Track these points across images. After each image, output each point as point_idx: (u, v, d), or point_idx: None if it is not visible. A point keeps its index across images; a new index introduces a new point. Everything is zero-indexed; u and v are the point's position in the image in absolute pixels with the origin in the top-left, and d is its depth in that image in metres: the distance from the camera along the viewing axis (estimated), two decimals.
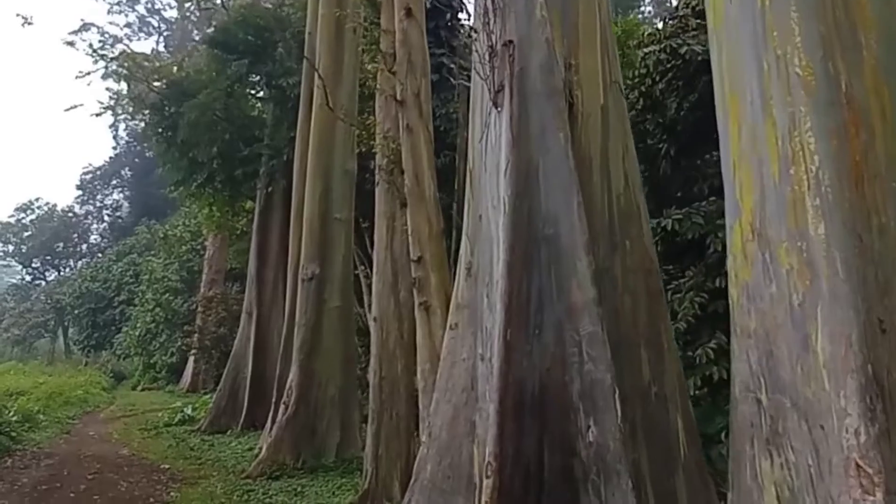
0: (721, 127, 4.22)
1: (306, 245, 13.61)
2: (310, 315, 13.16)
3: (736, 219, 3.94)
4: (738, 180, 3.91)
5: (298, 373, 12.86)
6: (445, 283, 8.28)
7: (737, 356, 3.88)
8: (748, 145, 3.82)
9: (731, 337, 4.18)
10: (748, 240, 3.77)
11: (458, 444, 5.97)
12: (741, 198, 3.88)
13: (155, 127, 21.32)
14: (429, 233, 8.36)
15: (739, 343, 3.82)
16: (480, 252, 6.32)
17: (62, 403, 23.49)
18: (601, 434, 5.11)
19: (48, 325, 49.65)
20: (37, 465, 13.44)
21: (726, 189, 4.19)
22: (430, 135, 8.88)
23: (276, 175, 19.69)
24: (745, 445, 3.74)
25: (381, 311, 9.85)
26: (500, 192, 5.88)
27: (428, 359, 7.87)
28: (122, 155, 57.28)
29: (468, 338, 6.20)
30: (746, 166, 3.84)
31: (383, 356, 9.66)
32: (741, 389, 3.78)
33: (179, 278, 33.76)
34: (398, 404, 9.48)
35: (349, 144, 14.12)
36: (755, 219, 3.73)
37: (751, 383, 3.66)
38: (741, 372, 3.79)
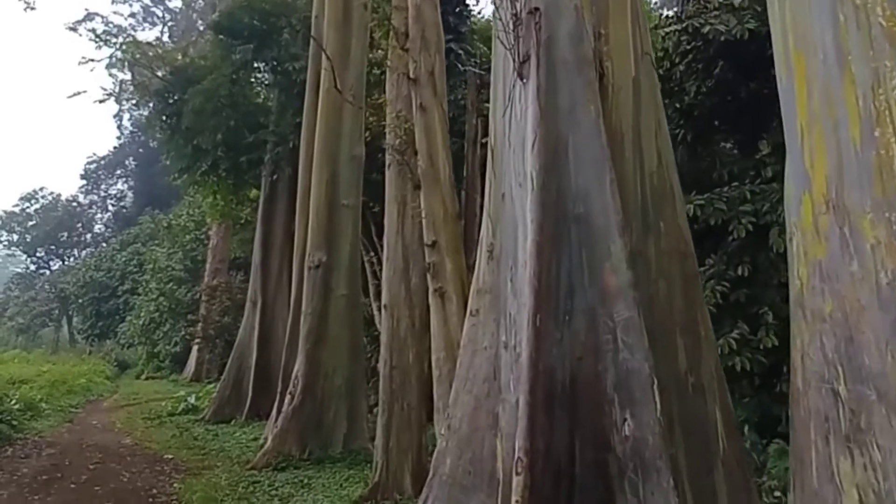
0: (784, 89, 3.76)
1: (313, 232, 13.15)
2: (316, 303, 12.72)
3: (804, 190, 3.47)
4: (808, 146, 3.45)
5: (305, 362, 12.43)
6: (461, 269, 7.84)
7: (805, 343, 3.42)
8: (821, 107, 3.36)
9: (792, 322, 3.73)
10: (821, 212, 3.31)
11: (480, 438, 5.53)
12: (811, 166, 3.41)
13: (159, 114, 20.87)
14: (444, 216, 7.91)
15: (810, 328, 3.36)
16: (503, 233, 5.86)
17: (65, 392, 23.10)
18: (638, 428, 4.66)
19: (52, 314, 49.17)
20: (38, 455, 13.03)
21: (790, 158, 3.73)
22: (444, 113, 8.42)
23: (282, 162, 19.23)
24: (817, 442, 3.29)
25: (391, 298, 9.41)
26: (527, 168, 5.42)
27: (443, 347, 7.44)
28: (126, 145, 56.72)
29: (490, 325, 5.74)
30: (818, 130, 3.38)
31: (394, 345, 9.23)
32: (812, 379, 3.32)
33: (183, 268, 33.34)
34: (409, 394, 9.05)
35: (357, 129, 13.66)
36: (830, 189, 3.27)
37: (825, 373, 3.21)
38: (812, 360, 3.33)
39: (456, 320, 7.47)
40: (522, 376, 4.73)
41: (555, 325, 5.01)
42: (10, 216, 55.38)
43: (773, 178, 10.33)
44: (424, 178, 8.07)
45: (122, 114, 55.43)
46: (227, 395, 18.41)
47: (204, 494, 9.79)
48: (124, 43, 20.65)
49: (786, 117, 3.77)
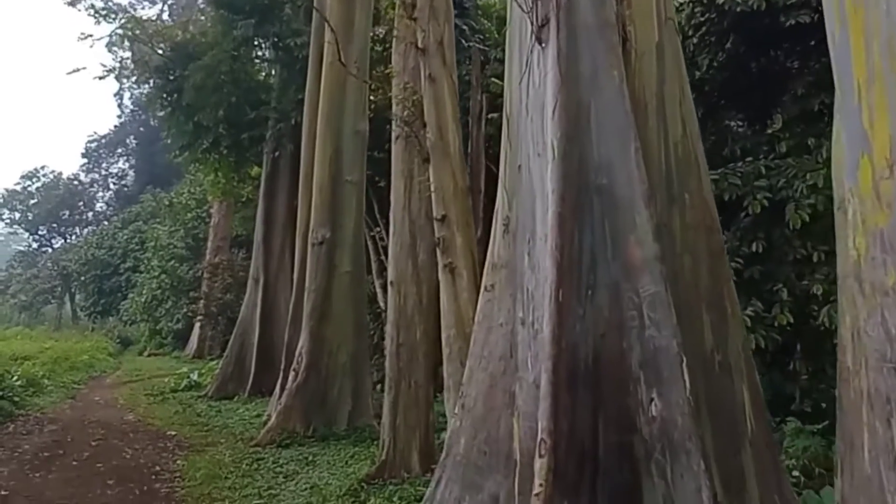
0: (838, 44, 3.41)
1: (316, 209, 12.82)
2: (320, 280, 12.42)
3: (862, 152, 3.15)
4: (867, 105, 3.12)
5: (308, 339, 12.15)
6: (471, 243, 7.54)
7: (862, 318, 3.12)
8: (883, 61, 3.03)
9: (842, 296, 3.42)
10: (883, 177, 2.99)
11: (496, 418, 5.25)
12: (871, 126, 3.09)
13: (159, 91, 20.40)
14: (453, 189, 7.58)
15: (868, 303, 3.05)
16: (520, 206, 5.54)
17: (68, 368, 22.91)
18: (666, 407, 4.38)
19: (55, 291, 48.91)
20: (39, 431, 12.79)
21: (844, 118, 3.40)
22: (454, 85, 8.06)
23: (284, 139, 18.83)
24: (874, 425, 3.00)
25: (398, 274, 9.11)
26: (546, 137, 5.10)
27: (453, 324, 7.15)
28: (126, 123, 56.15)
29: (506, 300, 5.44)
30: (879, 87, 3.05)
31: (401, 322, 8.94)
32: (870, 358, 3.02)
33: (185, 245, 33.03)
34: (416, 372, 8.77)
35: (360, 104, 13.29)
36: (894, 150, 2.95)
37: (888, 350, 2.90)
38: (870, 337, 3.03)
39: (467, 296, 7.17)
40: (544, 354, 4.44)
41: (577, 301, 4.71)
42: (11, 194, 54.96)
43: (787, 154, 10.02)
44: (434, 150, 7.73)
45: (123, 92, 54.83)
46: (229, 371, 18.18)
47: (207, 471, 9.56)
48: (123, 17, 20.11)
49: (838, 74, 3.43)
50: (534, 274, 5.20)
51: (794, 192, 9.18)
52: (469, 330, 7.09)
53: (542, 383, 4.36)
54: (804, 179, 9.12)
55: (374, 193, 15.59)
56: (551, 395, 4.27)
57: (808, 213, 8.81)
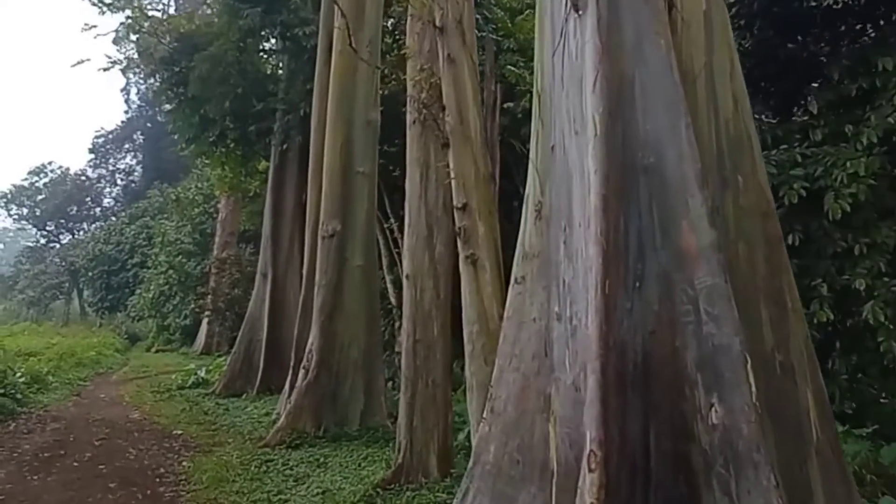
0: None
1: (326, 201, 12.31)
2: (331, 274, 11.92)
3: None
4: None
5: (319, 335, 11.66)
6: (494, 233, 7.02)
7: None
8: None
9: None
10: None
11: (529, 422, 4.74)
12: None
13: (165, 83, 19.92)
14: (475, 176, 7.06)
15: None
16: (554, 190, 5.02)
17: (74, 365, 22.55)
18: (729, 414, 3.86)
19: (62, 287, 48.56)
20: (41, 430, 12.35)
21: None
22: (475, 65, 7.54)
23: (292, 131, 18.33)
24: None
25: (414, 267, 8.60)
26: (586, 112, 4.57)
27: (476, 319, 6.63)
28: (134, 119, 55.66)
29: (539, 293, 4.92)
30: None
31: (417, 317, 8.43)
32: None
33: (192, 241, 32.63)
34: (434, 370, 8.26)
35: (372, 93, 12.77)
36: None
37: None
38: None
39: (490, 290, 6.66)
40: (589, 353, 3.92)
41: (624, 294, 4.19)
42: (19, 190, 54.57)
43: (822, 141, 9.47)
44: (453, 135, 7.20)
45: (130, 87, 54.57)
46: (237, 368, 17.73)
47: (214, 474, 9.08)
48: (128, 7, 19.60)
49: None
50: (571, 264, 4.68)
51: (832, 180, 8.64)
52: (493, 326, 6.60)
53: (588, 386, 3.84)
54: (844, 167, 8.57)
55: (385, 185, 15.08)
56: (600, 401, 3.75)
57: (848, 202, 8.26)
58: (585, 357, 4.19)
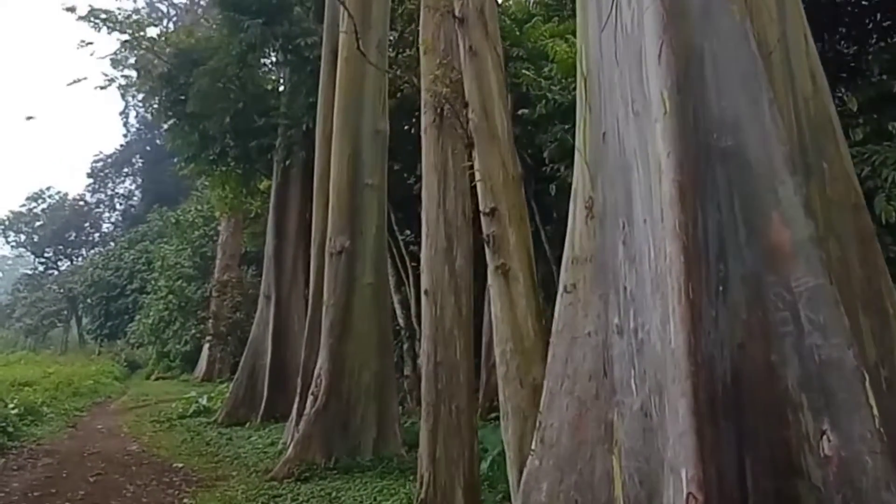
0: None
1: (334, 215, 11.68)
2: (339, 293, 11.25)
3: None
4: None
5: (328, 359, 10.96)
6: (527, 241, 6.36)
7: None
8: None
9: None
10: None
11: (588, 455, 4.05)
12: None
13: (164, 100, 19.40)
14: (503, 178, 6.41)
15: None
16: (607, 183, 4.38)
17: (70, 394, 21.87)
18: (846, 444, 3.18)
19: (61, 314, 47.84)
20: (33, 466, 11.61)
21: None
22: (499, 58, 6.92)
23: (294, 147, 17.78)
24: None
25: (433, 282, 7.94)
26: (650, 88, 3.94)
27: (510, 337, 5.95)
28: (132, 143, 55.23)
29: (595, 304, 4.27)
30: None
31: (438, 337, 7.75)
32: None
33: (192, 264, 32.04)
34: (458, 395, 7.57)
35: (380, 102, 12.19)
36: None
37: None
38: None
39: (524, 303, 5.99)
40: (679, 372, 3.24)
41: (707, 300, 3.53)
42: (17, 216, 54.07)
43: (864, 140, 8.87)
44: (478, 133, 6.57)
45: (129, 111, 54.21)
46: (240, 395, 16.99)
47: None
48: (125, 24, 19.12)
49: None
50: (633, 267, 4.02)
51: (882, 181, 8.02)
52: (529, 343, 5.93)
53: (679, 413, 3.15)
54: (894, 166, 7.96)
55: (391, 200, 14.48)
56: (695, 431, 3.06)
57: None
58: (662, 377, 3.52)
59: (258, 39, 17.01)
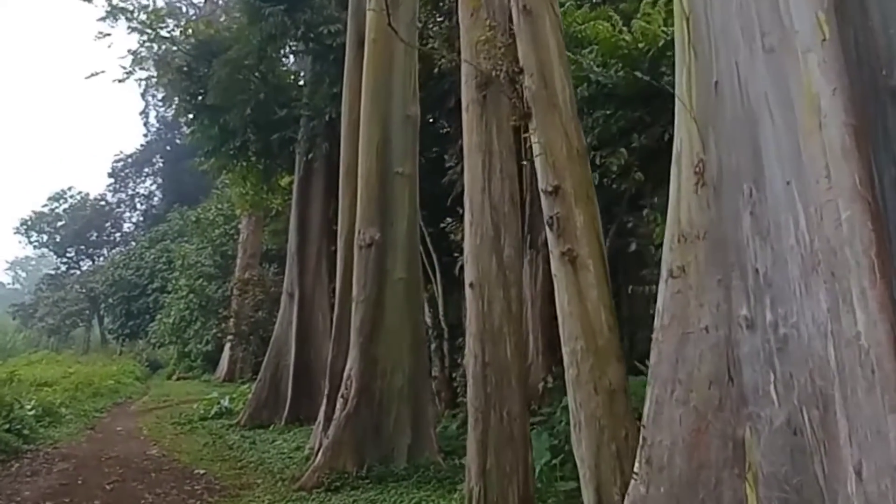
0: None
1: (363, 206, 10.85)
2: (370, 289, 10.41)
3: None
4: None
5: (359, 359, 10.13)
6: (596, 223, 5.49)
7: None
8: None
9: None
10: None
11: (711, 481, 3.19)
12: None
13: (183, 92, 18.67)
14: (567, 152, 5.53)
15: None
16: (723, 141, 3.50)
17: (90, 395, 21.25)
18: None
19: (83, 314, 47.43)
20: (48, 471, 10.90)
21: None
22: (557, 18, 6.05)
23: (317, 139, 16.97)
24: None
25: (479, 274, 7.08)
26: (795, 13, 3.06)
27: (580, 333, 5.07)
28: (153, 142, 54.74)
29: (712, 290, 3.40)
30: None
31: (485, 335, 6.89)
32: None
33: (213, 263, 31.41)
34: (510, 400, 6.71)
35: (410, 85, 11.34)
36: None
37: None
38: None
39: (596, 295, 5.11)
40: (883, 378, 2.35)
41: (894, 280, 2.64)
42: (39, 216, 53.80)
43: None
44: (536, 103, 5.70)
45: (149, 111, 53.73)
46: (263, 396, 16.25)
47: None
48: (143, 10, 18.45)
49: None
50: (766, 243, 3.15)
51: None
52: (603, 341, 5.06)
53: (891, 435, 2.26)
54: None
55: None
56: None
57: None
58: (824, 383, 2.63)
59: (279, 28, 16.22)
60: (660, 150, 11.27)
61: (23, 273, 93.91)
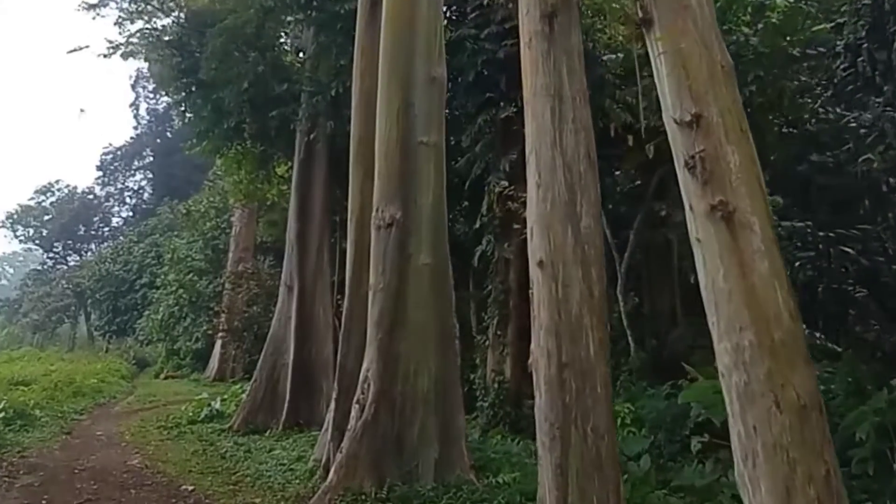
0: None
1: (381, 181, 9.17)
2: (390, 276, 8.72)
3: None
4: None
5: (377, 358, 8.44)
6: (755, 165, 3.82)
7: None
8: None
9: None
10: None
11: None
12: None
13: (173, 69, 16.88)
14: (708, 67, 3.89)
15: None
16: None
17: (70, 395, 19.41)
18: None
19: (69, 310, 45.27)
20: (7, 487, 9.18)
21: None
22: None
23: (320, 118, 15.29)
24: None
25: (551, 249, 5.42)
26: None
27: (747, 323, 3.41)
28: (143, 135, 52.54)
29: None
30: None
31: (561, 328, 5.23)
32: None
33: (204, 257, 29.70)
34: (596, 412, 5.05)
35: (435, 42, 9.69)
36: None
37: None
38: None
39: (767, 266, 3.47)
40: None
41: None
42: (25, 210, 51.61)
43: None
44: (658, 5, 4.06)
45: (139, 103, 51.73)
46: (259, 398, 14.53)
47: None
48: None
49: None
50: None
51: None
52: (783, 334, 3.40)
53: None
54: None
55: None
56: None
57: None
58: None
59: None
60: None
61: (10, 269, 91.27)
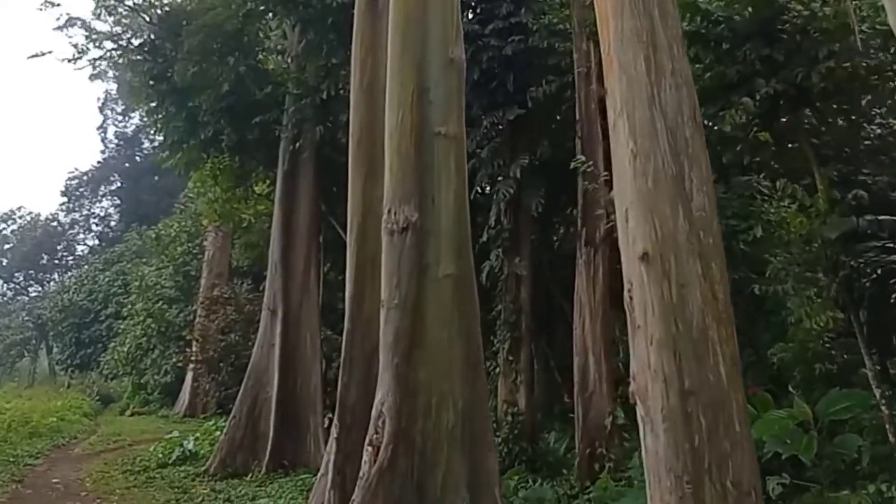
0: None
1: (393, 178, 7.76)
2: (406, 290, 7.26)
3: None
4: None
5: (393, 389, 6.94)
6: None
7: None
8: None
9: None
10: None
11: None
12: None
13: (144, 74, 15.37)
14: None
15: None
16: None
17: (26, 436, 17.58)
18: None
19: (29, 343, 42.73)
20: None
21: None
22: None
23: (306, 124, 13.94)
24: None
25: (658, 238, 4.06)
26: None
27: None
28: (110, 160, 50.31)
29: None
30: None
31: (680, 343, 3.84)
32: None
33: (174, 284, 27.81)
34: (735, 458, 3.65)
35: (452, 20, 8.37)
36: None
37: None
38: None
39: None
40: None
41: None
42: None
43: None
44: None
45: (107, 126, 49.69)
46: (238, 437, 12.87)
47: None
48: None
49: None
50: None
51: None
52: None
53: None
54: None
55: None
56: None
57: None
58: None
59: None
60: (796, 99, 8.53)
61: None
